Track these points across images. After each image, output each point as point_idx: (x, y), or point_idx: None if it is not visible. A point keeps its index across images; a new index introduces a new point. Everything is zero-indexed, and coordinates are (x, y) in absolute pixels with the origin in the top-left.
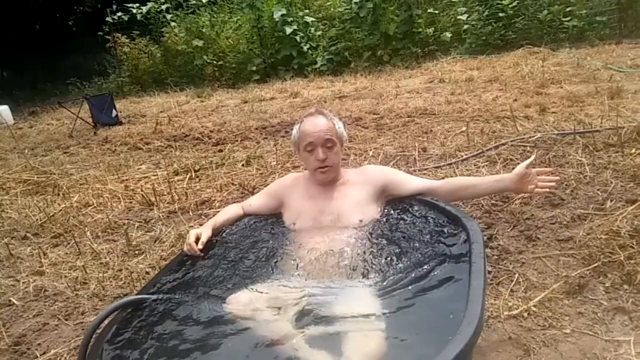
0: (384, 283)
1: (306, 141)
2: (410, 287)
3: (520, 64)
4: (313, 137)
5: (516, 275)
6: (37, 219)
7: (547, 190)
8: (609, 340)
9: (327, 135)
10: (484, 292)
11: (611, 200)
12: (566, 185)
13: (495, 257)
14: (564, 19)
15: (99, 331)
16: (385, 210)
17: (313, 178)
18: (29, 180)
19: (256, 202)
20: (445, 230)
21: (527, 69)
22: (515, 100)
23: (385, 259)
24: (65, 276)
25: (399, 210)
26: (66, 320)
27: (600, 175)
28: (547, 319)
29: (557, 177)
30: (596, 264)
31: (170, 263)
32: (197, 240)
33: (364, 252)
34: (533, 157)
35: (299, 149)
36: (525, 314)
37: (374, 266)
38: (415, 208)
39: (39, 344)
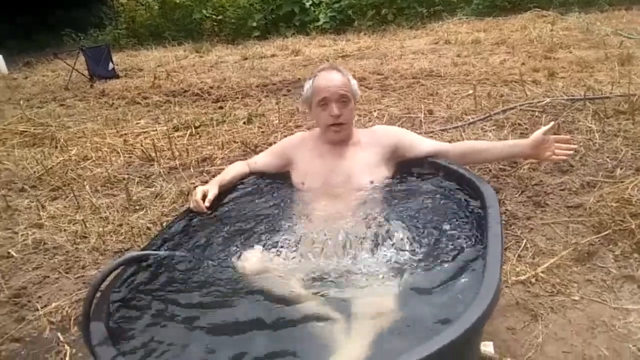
0: (396, 246)
1: (320, 96)
2: (423, 251)
3: (528, 27)
4: (328, 91)
5: (524, 241)
6: (34, 172)
7: (564, 158)
8: (618, 308)
9: (341, 91)
10: (501, 259)
11: (621, 168)
12: (575, 151)
13: (503, 222)
14: None
15: (103, 286)
16: (397, 172)
17: (324, 136)
18: (26, 132)
19: (262, 160)
20: (459, 193)
21: (536, 33)
22: (524, 64)
23: (397, 221)
24: (65, 229)
25: (410, 173)
26: (67, 273)
27: (610, 143)
28: (555, 285)
29: (575, 145)
30: (606, 232)
31: (175, 219)
32: (204, 197)
33: (375, 214)
34: (552, 124)
35: (310, 105)
36: (533, 280)
37: (384, 228)
38: (428, 171)
39: (40, 296)
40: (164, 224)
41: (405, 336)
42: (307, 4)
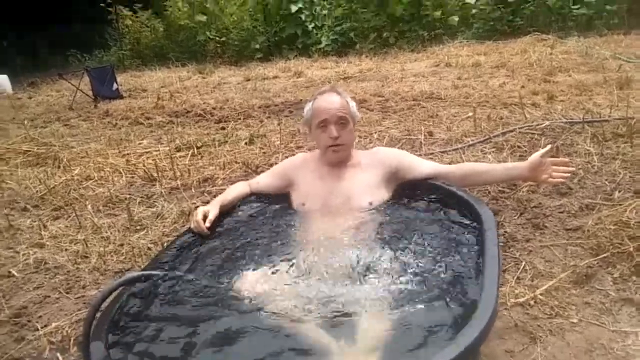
0: (394, 267)
1: (320, 118)
2: (421, 273)
3: (528, 50)
4: (327, 114)
5: (523, 263)
6: (37, 191)
7: (561, 180)
8: (616, 331)
9: (340, 113)
10: (498, 280)
11: (619, 191)
12: (574, 174)
13: (502, 244)
14: (572, 7)
15: (103, 306)
16: (396, 193)
17: (324, 157)
18: (29, 151)
19: (264, 180)
20: (457, 215)
21: (535, 56)
22: (523, 87)
23: (395, 243)
24: (66, 249)
25: (409, 194)
26: (67, 293)
27: (608, 166)
28: (553, 307)
29: (572, 168)
30: (605, 255)
31: (175, 240)
32: (205, 217)
33: (374, 235)
34: (549, 147)
35: (310, 127)
36: (532, 302)
37: (383, 249)
38: (427, 192)
39: (40, 316)
40: (165, 244)
41: (402, 357)
42: (310, 27)
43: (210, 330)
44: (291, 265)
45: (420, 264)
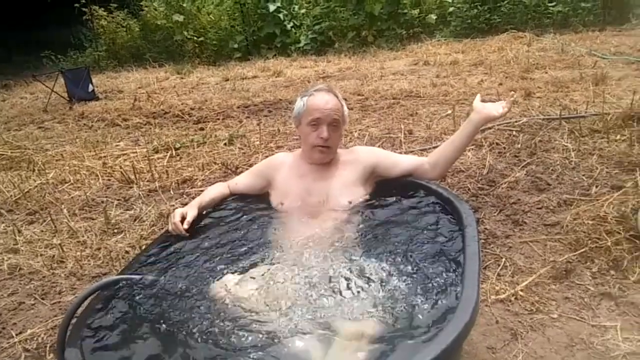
0: (374, 267)
1: (313, 116)
2: (401, 271)
3: (505, 48)
4: (322, 113)
5: (503, 260)
6: (11, 195)
7: (510, 106)
8: (596, 326)
9: (335, 115)
10: (478, 277)
11: (597, 186)
12: (552, 170)
13: (482, 241)
14: (549, 4)
15: (79, 311)
16: (375, 191)
17: (308, 156)
18: (3, 155)
19: (243, 181)
20: (437, 212)
21: (512, 54)
22: (501, 84)
23: (375, 242)
24: (41, 254)
25: (389, 192)
26: (43, 299)
27: (585, 161)
28: (534, 303)
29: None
30: (583, 250)
31: (153, 242)
32: (183, 219)
33: (353, 235)
34: (478, 95)
35: (300, 122)
36: (513, 299)
37: (363, 249)
38: (406, 190)
39: (15, 323)
40: (143, 247)
41: (383, 357)
42: (288, 26)
43: (189, 334)
44: (270, 268)
45: (399, 263)
